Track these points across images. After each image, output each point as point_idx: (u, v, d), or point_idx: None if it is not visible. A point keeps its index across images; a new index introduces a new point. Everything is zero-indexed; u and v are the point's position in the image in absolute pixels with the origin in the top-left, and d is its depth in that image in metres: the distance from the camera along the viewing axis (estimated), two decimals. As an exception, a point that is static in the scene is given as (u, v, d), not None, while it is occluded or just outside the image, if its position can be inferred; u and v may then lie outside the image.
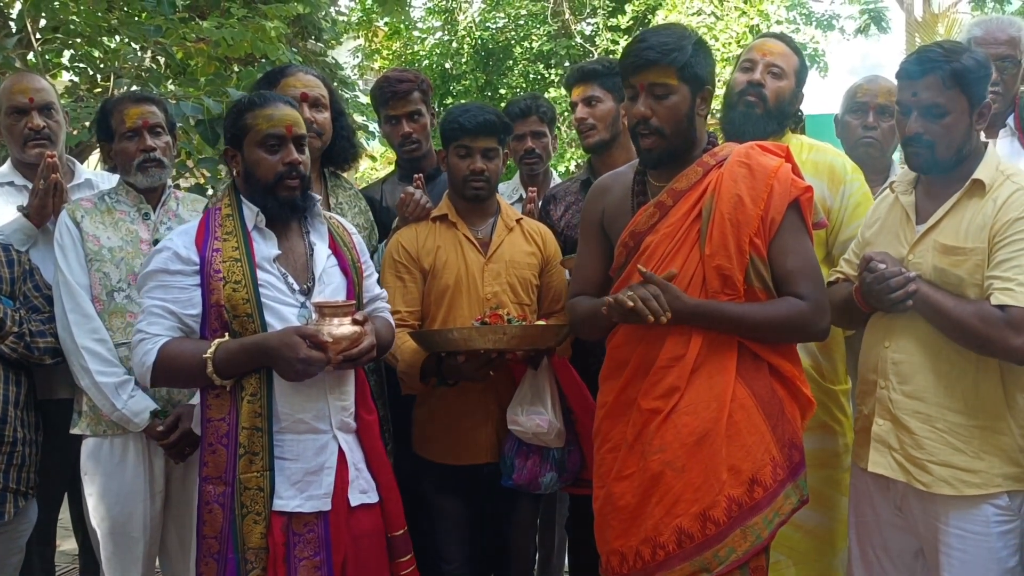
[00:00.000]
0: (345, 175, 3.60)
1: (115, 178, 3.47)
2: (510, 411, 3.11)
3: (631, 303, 2.42)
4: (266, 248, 2.66)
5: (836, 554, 3.17)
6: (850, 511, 2.89)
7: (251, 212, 2.67)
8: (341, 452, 2.65)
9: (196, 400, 2.98)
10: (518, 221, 3.39)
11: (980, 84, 2.59)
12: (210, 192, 4.71)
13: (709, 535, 2.41)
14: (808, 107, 6.09)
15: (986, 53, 2.82)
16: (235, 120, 2.69)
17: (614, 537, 2.58)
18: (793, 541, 3.05)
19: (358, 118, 7.38)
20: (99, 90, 6.16)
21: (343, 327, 2.54)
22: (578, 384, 3.15)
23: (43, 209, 3.27)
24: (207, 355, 2.51)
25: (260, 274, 2.61)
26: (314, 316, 2.59)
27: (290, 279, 2.67)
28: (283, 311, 2.62)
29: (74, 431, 3.16)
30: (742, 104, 3.21)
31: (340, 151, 3.46)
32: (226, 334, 2.57)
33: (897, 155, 3.84)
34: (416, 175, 3.52)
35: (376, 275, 3.02)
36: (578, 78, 3.61)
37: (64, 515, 3.66)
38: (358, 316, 2.62)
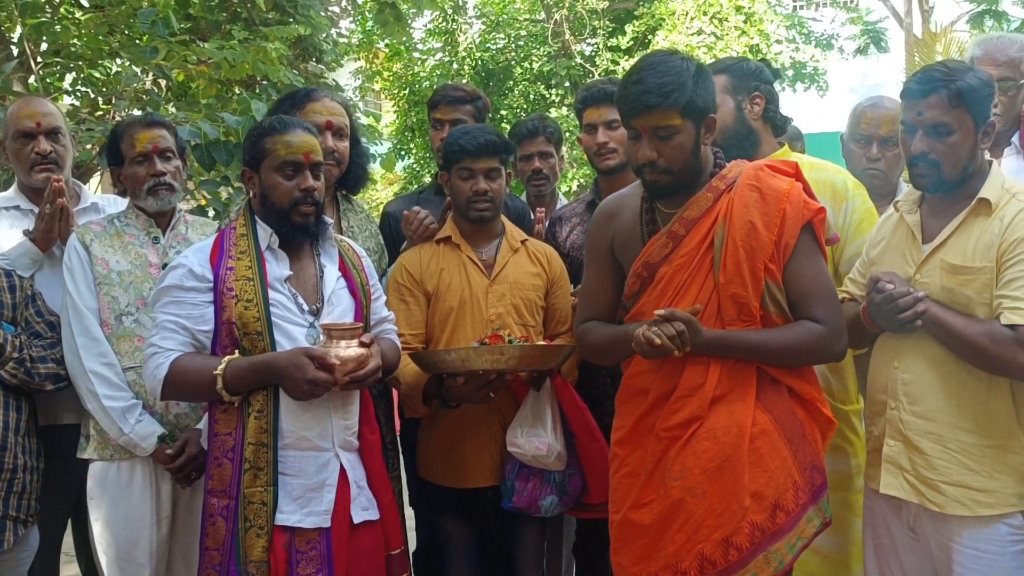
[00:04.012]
0: (355, 198, 3.60)
1: (121, 202, 3.47)
2: (510, 433, 3.10)
3: (658, 340, 2.39)
4: (278, 268, 2.72)
5: (852, 577, 3.15)
6: (865, 533, 2.88)
7: (265, 233, 2.73)
8: (343, 470, 2.70)
9: (203, 424, 3.00)
10: (523, 242, 3.37)
11: (984, 103, 2.58)
12: (212, 214, 4.72)
13: (732, 561, 2.39)
14: (808, 126, 6.10)
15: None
16: (254, 143, 2.73)
17: (632, 562, 2.56)
18: (811, 566, 3.02)
19: (360, 140, 7.40)
20: (100, 113, 6.18)
21: (350, 349, 2.61)
22: (580, 407, 3.12)
23: (49, 233, 3.27)
24: (217, 372, 2.57)
25: (271, 294, 2.67)
26: (322, 337, 2.65)
27: (300, 299, 2.73)
28: (292, 331, 2.68)
29: (82, 455, 3.15)
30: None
31: (354, 177, 3.46)
32: (236, 351, 2.62)
33: (904, 175, 3.84)
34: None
35: (384, 297, 3.05)
36: (598, 99, 3.52)
37: (66, 540, 3.63)
38: (365, 339, 2.67)
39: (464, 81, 15.47)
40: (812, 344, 2.50)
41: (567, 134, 11.76)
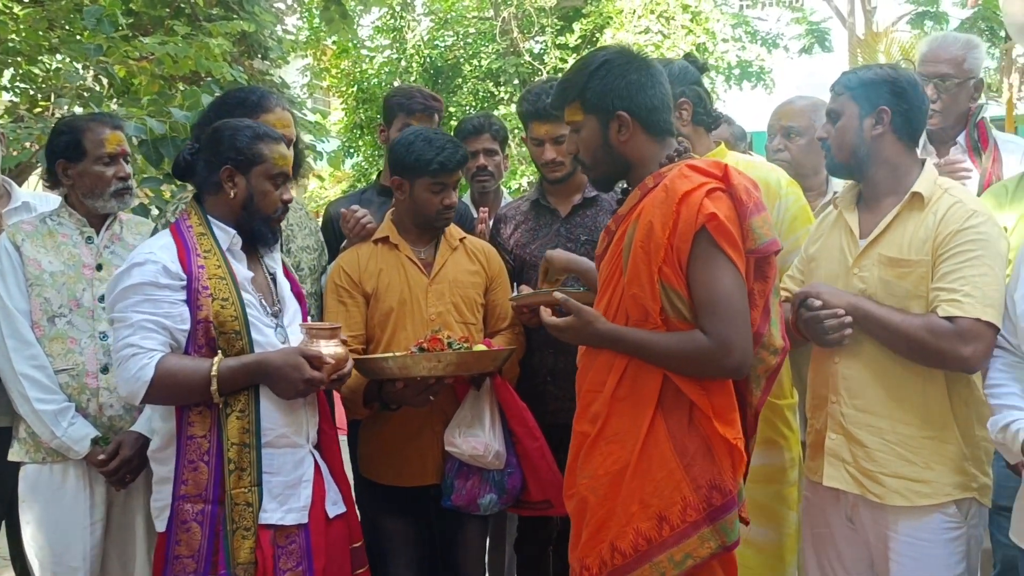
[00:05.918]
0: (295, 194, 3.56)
1: (54, 199, 3.39)
2: (448, 433, 3.10)
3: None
4: (242, 269, 2.71)
5: (785, 568, 3.18)
6: (804, 524, 2.92)
7: (226, 234, 2.71)
8: (317, 465, 2.73)
9: (138, 426, 3.01)
10: (461, 240, 3.37)
11: (869, 90, 2.69)
12: (155, 212, 4.64)
13: (617, 565, 2.37)
14: (755, 124, 6.14)
15: (916, 70, 3.05)
16: (249, 144, 2.69)
17: (568, 550, 2.58)
18: (744, 558, 3.02)
19: (306, 137, 7.31)
20: (39, 110, 6.07)
21: (336, 348, 2.65)
22: (519, 406, 3.13)
23: None
24: (213, 373, 2.52)
25: (243, 293, 2.66)
26: (303, 337, 2.68)
27: (263, 300, 2.74)
28: (265, 330, 2.68)
29: (12, 458, 3.09)
30: None
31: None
32: (219, 351, 2.58)
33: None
34: None
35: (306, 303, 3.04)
36: (544, 115, 3.42)
37: (1, 545, 3.57)
38: (343, 337, 2.71)
39: (413, 79, 15.44)
40: (692, 355, 2.36)
41: (515, 131, 11.78)
